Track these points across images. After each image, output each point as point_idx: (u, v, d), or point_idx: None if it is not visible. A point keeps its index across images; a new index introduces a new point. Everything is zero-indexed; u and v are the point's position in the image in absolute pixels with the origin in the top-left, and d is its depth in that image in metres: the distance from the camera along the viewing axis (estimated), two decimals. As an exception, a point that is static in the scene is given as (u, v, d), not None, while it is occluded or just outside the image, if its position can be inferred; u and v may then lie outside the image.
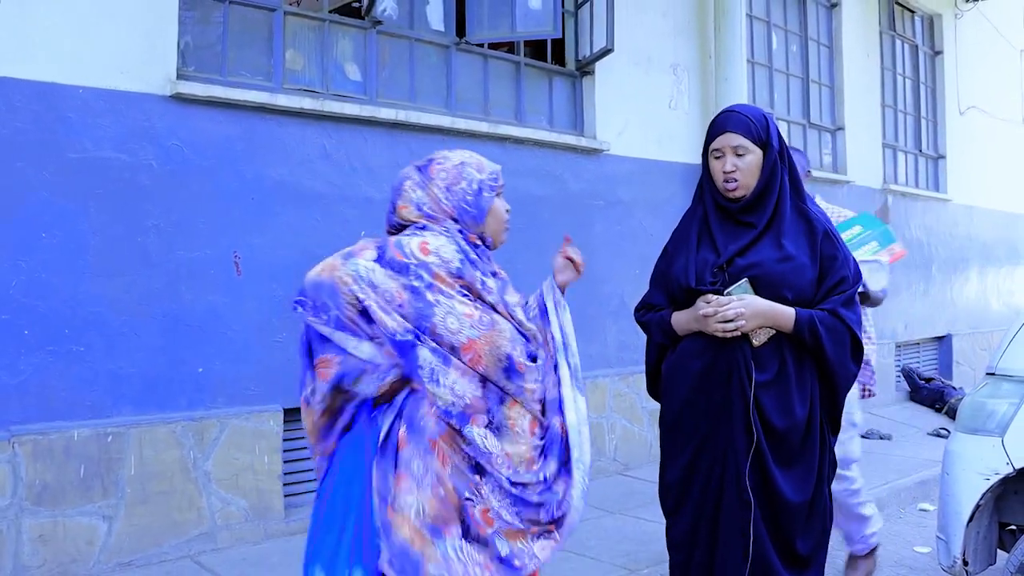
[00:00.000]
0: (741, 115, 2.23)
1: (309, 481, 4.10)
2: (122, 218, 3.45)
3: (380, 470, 1.80)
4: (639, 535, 3.92)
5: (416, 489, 1.76)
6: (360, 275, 1.77)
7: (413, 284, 1.76)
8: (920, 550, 4.04)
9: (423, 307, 1.75)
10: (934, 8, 8.78)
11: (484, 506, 1.78)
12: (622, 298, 5.28)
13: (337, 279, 1.79)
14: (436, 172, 1.94)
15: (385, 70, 4.49)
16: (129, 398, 3.47)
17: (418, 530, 1.74)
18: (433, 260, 1.79)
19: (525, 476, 1.82)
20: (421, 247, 1.81)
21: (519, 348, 1.84)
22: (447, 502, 1.76)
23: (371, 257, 1.81)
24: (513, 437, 1.81)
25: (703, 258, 2.22)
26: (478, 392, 1.78)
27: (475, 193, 1.92)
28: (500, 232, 1.99)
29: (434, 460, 1.77)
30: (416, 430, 1.79)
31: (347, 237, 4.09)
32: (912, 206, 8.16)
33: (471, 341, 1.76)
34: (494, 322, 1.80)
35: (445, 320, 1.75)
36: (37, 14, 3.28)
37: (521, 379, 1.83)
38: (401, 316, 1.75)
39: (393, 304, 1.75)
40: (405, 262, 1.78)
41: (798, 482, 2.15)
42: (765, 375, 2.14)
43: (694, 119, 5.85)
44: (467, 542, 1.77)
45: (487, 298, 1.83)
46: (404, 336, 1.74)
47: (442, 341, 1.75)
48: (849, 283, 2.18)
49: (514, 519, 1.80)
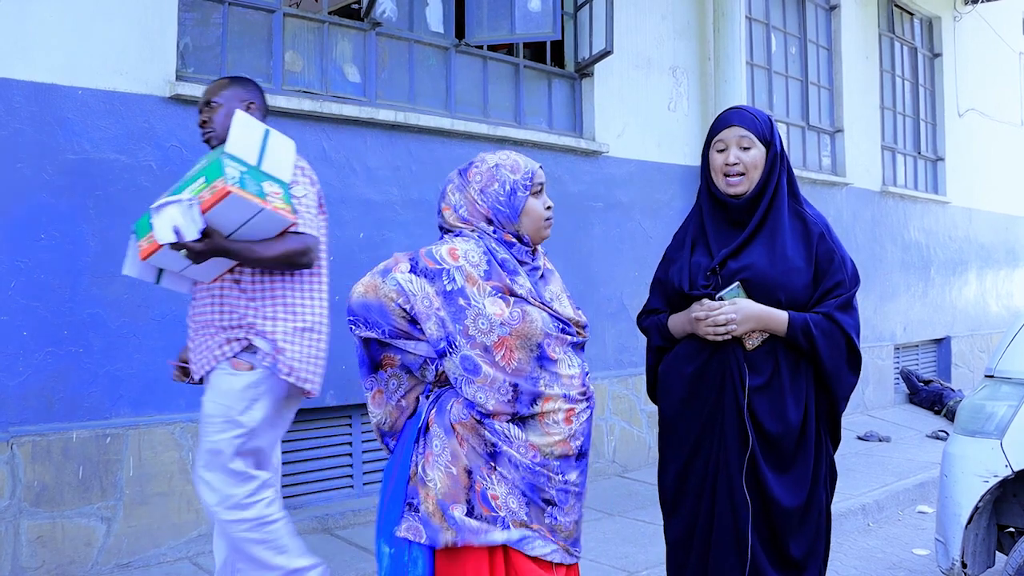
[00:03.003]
0: (746, 111, 2.24)
1: (307, 483, 4.10)
2: (121, 219, 3.45)
3: (416, 449, 1.94)
4: (638, 537, 3.92)
5: (436, 465, 1.87)
6: (403, 288, 1.86)
7: (446, 288, 1.85)
8: (919, 552, 4.04)
9: (455, 311, 1.84)
10: (933, 11, 8.80)
11: (493, 491, 1.85)
12: (621, 300, 5.29)
13: (383, 297, 1.88)
14: (473, 175, 2.00)
15: (384, 72, 4.49)
16: (128, 399, 3.46)
17: (436, 507, 1.86)
18: (462, 264, 1.87)
19: (553, 462, 1.88)
20: (450, 253, 1.89)
21: (554, 336, 1.89)
22: (457, 480, 1.85)
23: (406, 269, 1.89)
24: (542, 429, 1.87)
25: (697, 262, 2.21)
26: (505, 399, 1.84)
27: (508, 194, 1.96)
28: (538, 230, 2.01)
29: (452, 440, 1.87)
30: (441, 412, 1.91)
31: (346, 238, 4.12)
32: (911, 208, 8.17)
33: (502, 339, 1.84)
34: (524, 314, 1.86)
35: (476, 322, 1.84)
36: (36, 15, 3.28)
37: (554, 365, 1.89)
38: (439, 320, 1.85)
39: (432, 309, 1.85)
40: (437, 268, 1.87)
41: (792, 487, 2.13)
42: (758, 379, 2.12)
43: (693, 121, 5.85)
44: (471, 519, 1.85)
45: (518, 292, 1.89)
46: (439, 344, 1.86)
47: (475, 342, 1.84)
48: (846, 286, 2.15)
49: (520, 509, 1.85)
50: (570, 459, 1.90)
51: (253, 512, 2.51)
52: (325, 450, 4.17)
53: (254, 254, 2.43)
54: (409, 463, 1.94)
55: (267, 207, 2.37)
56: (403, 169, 4.35)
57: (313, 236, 2.54)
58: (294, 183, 2.54)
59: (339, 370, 4.05)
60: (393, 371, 2.02)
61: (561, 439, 1.88)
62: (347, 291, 1.98)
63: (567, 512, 1.90)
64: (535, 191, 2.00)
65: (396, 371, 2.02)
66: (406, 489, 1.93)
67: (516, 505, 1.85)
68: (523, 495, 1.85)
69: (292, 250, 2.47)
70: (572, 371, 1.92)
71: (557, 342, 1.90)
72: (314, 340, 2.61)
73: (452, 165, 4.41)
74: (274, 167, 2.48)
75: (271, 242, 2.45)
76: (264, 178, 2.42)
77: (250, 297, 2.52)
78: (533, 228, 2.01)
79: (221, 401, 2.51)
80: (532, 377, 1.86)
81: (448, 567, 1.87)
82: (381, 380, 2.04)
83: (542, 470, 1.85)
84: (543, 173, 2.05)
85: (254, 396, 2.52)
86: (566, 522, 1.90)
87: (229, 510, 2.49)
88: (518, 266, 1.95)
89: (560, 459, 1.88)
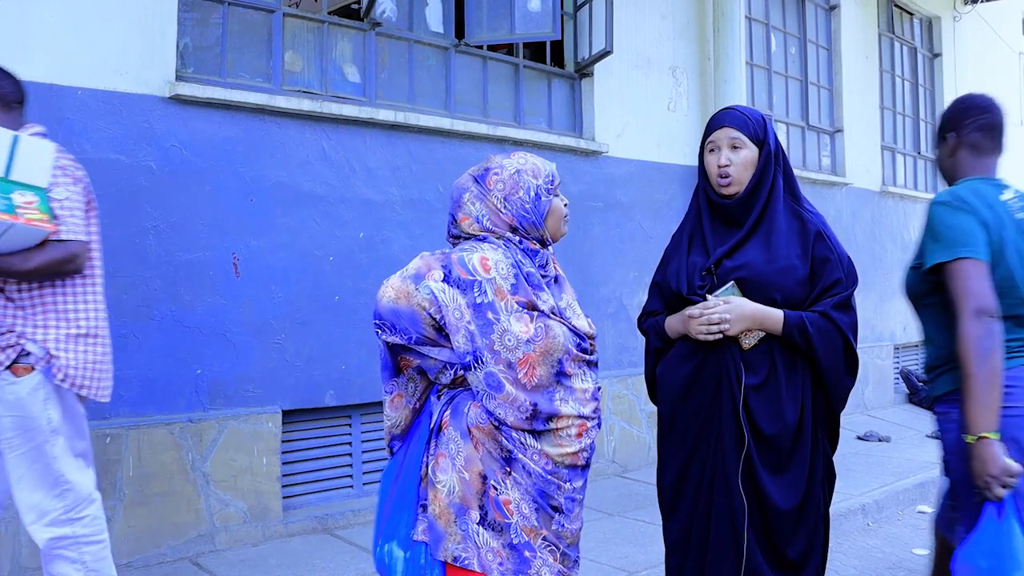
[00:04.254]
0: (738, 112, 2.24)
1: (307, 483, 4.10)
2: (121, 220, 3.45)
3: (428, 450, 1.92)
4: (637, 537, 3.92)
5: (450, 469, 1.86)
6: (436, 298, 1.83)
7: (476, 301, 1.83)
8: (919, 552, 4.04)
9: (484, 324, 1.82)
10: (933, 11, 8.80)
11: (506, 496, 1.84)
12: (620, 300, 5.29)
13: (416, 306, 1.84)
14: (494, 183, 1.95)
15: (384, 72, 4.49)
16: (128, 399, 3.46)
17: (446, 508, 1.84)
18: (494, 276, 1.85)
19: (563, 471, 1.87)
20: (482, 263, 1.86)
21: (571, 350, 1.89)
22: (471, 485, 1.84)
23: (439, 278, 1.85)
24: (556, 440, 1.86)
25: (693, 262, 2.21)
26: (523, 416, 1.83)
27: (534, 200, 1.94)
28: (558, 229, 2.01)
29: (468, 444, 1.85)
30: (458, 415, 1.88)
31: (346, 239, 4.13)
32: (911, 208, 8.17)
33: (526, 355, 1.82)
34: (547, 328, 1.85)
35: (503, 338, 1.82)
36: (36, 15, 3.28)
37: (570, 380, 1.89)
38: (468, 334, 1.82)
39: (463, 322, 1.82)
40: (470, 279, 1.84)
41: (788, 488, 2.12)
42: (754, 378, 2.12)
43: (693, 121, 5.86)
44: (483, 527, 1.84)
45: (541, 307, 1.88)
46: (465, 358, 1.83)
47: (499, 358, 1.82)
48: (843, 285, 2.14)
49: (531, 514, 1.85)
50: (577, 469, 1.91)
51: (70, 530, 2.38)
52: (325, 450, 4.17)
53: (13, 268, 2.30)
54: (420, 464, 1.92)
55: (18, 221, 2.23)
56: (403, 169, 4.35)
57: (78, 241, 2.39)
58: (54, 186, 2.38)
59: (339, 370, 4.06)
60: (409, 374, 2.00)
61: (573, 451, 1.87)
62: (347, 291, 1.97)
63: (572, 520, 1.91)
64: (555, 192, 2.00)
65: (411, 373, 2.00)
66: (418, 491, 1.91)
67: (528, 511, 1.85)
68: (534, 501, 1.85)
69: (54, 259, 2.33)
70: (586, 385, 1.92)
71: (573, 359, 1.90)
72: (91, 345, 2.46)
73: (452, 165, 4.46)
74: (27, 174, 2.31)
75: (31, 253, 2.31)
76: (14, 188, 2.27)
77: (18, 306, 2.38)
78: (555, 227, 2.00)
79: (12, 412, 2.35)
80: (550, 392, 1.85)
81: (456, 573, 1.86)
82: (402, 384, 2.00)
83: (553, 478, 1.85)
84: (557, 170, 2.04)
85: (44, 396, 2.38)
86: (571, 529, 1.91)
87: (47, 527, 2.37)
88: (542, 281, 1.94)
89: (569, 468, 1.88)
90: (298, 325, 3.93)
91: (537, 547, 1.85)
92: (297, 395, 3.95)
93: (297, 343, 3.93)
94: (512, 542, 1.84)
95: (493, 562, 1.82)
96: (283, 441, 3.93)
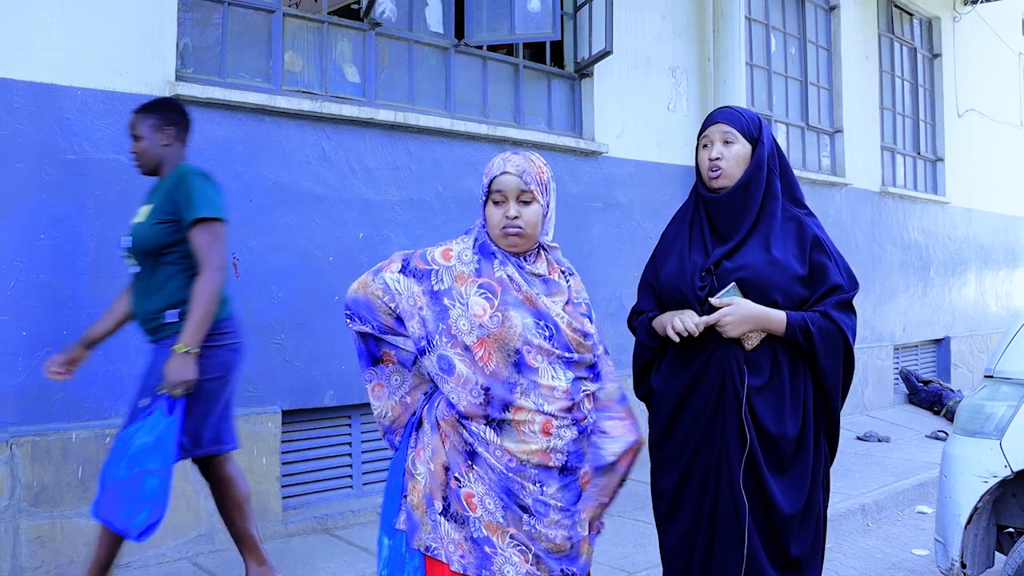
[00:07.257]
0: (733, 109, 2.26)
1: (307, 483, 4.10)
2: (121, 220, 3.44)
3: (409, 443, 1.99)
4: (636, 537, 3.92)
5: (423, 461, 1.92)
6: (388, 287, 1.92)
7: (434, 288, 1.88)
8: (918, 553, 4.04)
9: (440, 310, 1.87)
10: (933, 11, 8.80)
11: (469, 490, 1.86)
12: (620, 300, 5.29)
13: (371, 295, 1.95)
14: None
15: (384, 72, 4.49)
16: (128, 399, 3.45)
17: (421, 499, 1.90)
18: (453, 264, 1.90)
19: (530, 469, 1.84)
20: (444, 254, 1.92)
21: (535, 344, 1.84)
22: (436, 476, 1.89)
23: (396, 269, 1.94)
24: (519, 436, 1.84)
25: (693, 262, 2.21)
26: (476, 401, 1.84)
27: (482, 197, 1.96)
28: (497, 237, 1.91)
29: (436, 436, 1.91)
30: (431, 409, 1.95)
31: (345, 239, 4.12)
32: (910, 209, 8.18)
33: (480, 340, 1.83)
34: (504, 319, 1.84)
35: (458, 322, 1.85)
36: (36, 15, 3.28)
37: (534, 374, 1.84)
38: (421, 320, 1.88)
39: (415, 308, 1.89)
40: (427, 269, 1.90)
41: (792, 488, 2.13)
42: (758, 379, 2.12)
43: (693, 121, 5.85)
44: (445, 518, 1.87)
45: (512, 294, 1.87)
46: (419, 343, 1.90)
47: (456, 341, 1.85)
48: (844, 288, 2.15)
49: (496, 511, 1.84)
50: (551, 471, 1.85)
51: None
52: (325, 450, 4.17)
53: None
54: (406, 457, 1.98)
55: None
56: (403, 169, 4.35)
57: None
58: None
59: (339, 370, 4.05)
60: (394, 367, 2.06)
61: (539, 448, 1.83)
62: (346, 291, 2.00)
63: (549, 525, 1.85)
64: (494, 199, 1.90)
65: (397, 367, 2.06)
66: (402, 481, 1.97)
67: (492, 506, 1.84)
68: (500, 498, 1.84)
69: None
70: (556, 383, 1.85)
71: (539, 351, 1.84)
72: None
73: (452, 165, 4.46)
74: None
75: None
76: None
77: None
78: (493, 234, 1.92)
79: None
80: (508, 382, 1.82)
81: (434, 564, 1.88)
82: (382, 374, 2.06)
83: (516, 476, 1.82)
84: (513, 180, 1.87)
85: None
86: (550, 534, 1.85)
87: None
88: (508, 259, 1.90)
89: (538, 468, 1.84)
90: (298, 325, 3.93)
91: (501, 544, 1.83)
92: (297, 395, 3.95)
93: (297, 343, 3.93)
94: (473, 536, 1.85)
95: (455, 554, 1.85)
96: (283, 441, 3.93)
